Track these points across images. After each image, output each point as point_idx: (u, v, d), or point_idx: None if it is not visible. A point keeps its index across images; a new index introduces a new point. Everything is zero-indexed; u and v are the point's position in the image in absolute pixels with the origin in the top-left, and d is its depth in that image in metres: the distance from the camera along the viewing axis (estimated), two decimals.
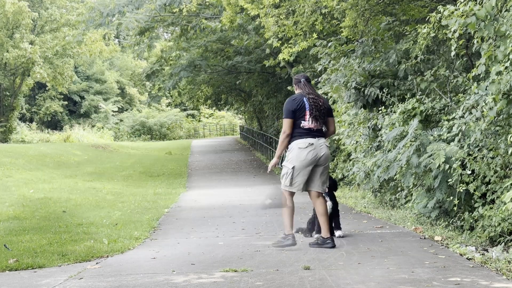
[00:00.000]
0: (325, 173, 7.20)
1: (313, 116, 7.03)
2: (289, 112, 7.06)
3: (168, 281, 5.64)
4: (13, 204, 12.73)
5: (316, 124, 7.06)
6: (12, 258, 6.79)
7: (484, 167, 7.21)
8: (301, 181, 7.08)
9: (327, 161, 7.14)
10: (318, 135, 7.09)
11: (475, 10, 6.60)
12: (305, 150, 6.99)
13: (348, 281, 5.40)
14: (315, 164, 7.05)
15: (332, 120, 7.26)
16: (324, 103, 7.19)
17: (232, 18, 17.88)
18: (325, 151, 7.07)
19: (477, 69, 6.92)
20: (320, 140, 7.08)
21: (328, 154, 7.12)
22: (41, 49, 44.52)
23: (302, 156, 7.00)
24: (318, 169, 7.10)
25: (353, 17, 12.34)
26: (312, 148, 6.99)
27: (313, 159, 7.01)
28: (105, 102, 64.42)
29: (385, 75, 11.31)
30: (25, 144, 38.76)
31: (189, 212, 11.70)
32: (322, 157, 7.04)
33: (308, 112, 7.02)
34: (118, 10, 23.16)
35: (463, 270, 5.72)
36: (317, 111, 7.05)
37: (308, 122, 7.03)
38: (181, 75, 27.59)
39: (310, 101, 7.07)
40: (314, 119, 7.04)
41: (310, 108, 7.03)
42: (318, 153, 7.02)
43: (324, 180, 7.20)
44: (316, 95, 7.21)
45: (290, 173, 7.07)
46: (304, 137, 7.03)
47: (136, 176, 22.71)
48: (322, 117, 7.09)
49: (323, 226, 7.17)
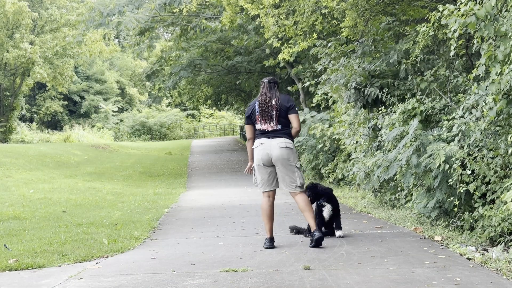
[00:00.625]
0: (290, 174, 7.26)
1: (263, 118, 7.25)
2: (246, 118, 7.47)
3: (168, 281, 5.64)
4: (13, 204, 12.73)
5: (269, 125, 7.23)
6: (12, 258, 6.79)
7: (484, 167, 7.21)
8: (260, 180, 7.30)
9: (283, 161, 7.21)
10: (275, 136, 7.23)
11: (475, 10, 6.60)
12: (257, 149, 7.29)
13: (348, 281, 5.40)
14: (271, 164, 7.24)
15: (293, 116, 7.27)
16: (278, 102, 7.23)
17: (232, 18, 17.88)
18: (276, 152, 7.18)
19: (477, 69, 6.92)
20: (274, 140, 7.21)
21: (281, 155, 7.18)
22: (41, 49, 44.53)
23: (256, 155, 7.31)
24: (279, 169, 7.26)
25: (353, 17, 12.34)
26: (262, 148, 7.22)
27: (264, 158, 7.21)
28: (105, 102, 64.45)
29: (385, 75, 11.31)
30: (25, 144, 38.77)
31: (189, 212, 11.70)
32: (273, 157, 7.19)
33: (258, 116, 7.27)
34: (118, 10, 23.16)
35: (463, 270, 5.72)
36: (265, 112, 7.21)
37: (261, 124, 7.27)
38: (181, 75, 27.60)
39: (259, 104, 7.27)
40: (265, 121, 7.23)
41: (260, 111, 7.25)
42: (268, 153, 7.19)
43: (291, 180, 7.27)
44: (269, 96, 7.30)
45: (254, 172, 7.44)
46: (259, 137, 7.33)
47: (136, 176, 22.72)
48: (272, 116, 7.21)
49: (309, 221, 7.30)
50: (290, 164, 7.24)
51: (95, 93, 64.89)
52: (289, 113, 7.24)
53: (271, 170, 7.28)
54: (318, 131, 16.78)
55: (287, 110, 7.23)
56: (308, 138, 18.22)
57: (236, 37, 24.19)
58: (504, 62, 6.51)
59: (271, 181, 7.32)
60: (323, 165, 17.75)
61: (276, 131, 7.24)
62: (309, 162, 18.73)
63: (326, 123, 17.25)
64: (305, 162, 19.17)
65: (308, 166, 19.05)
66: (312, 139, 17.89)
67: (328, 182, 17.12)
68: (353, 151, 13.30)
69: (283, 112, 7.22)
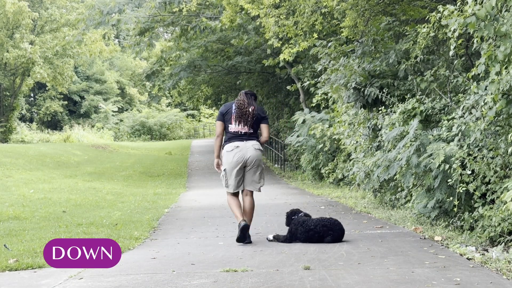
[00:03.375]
0: (257, 174, 7.75)
1: (239, 119, 7.61)
2: (219, 115, 7.79)
3: (168, 281, 5.64)
4: (13, 204, 12.73)
5: (243, 127, 7.63)
6: (12, 258, 6.79)
7: (484, 167, 7.21)
8: (233, 182, 7.71)
9: (255, 162, 7.68)
10: (247, 138, 7.66)
11: (475, 10, 6.60)
12: (232, 153, 7.61)
13: (348, 281, 5.40)
14: (244, 165, 7.65)
15: (265, 126, 7.79)
16: (255, 111, 7.70)
17: (232, 18, 17.87)
18: (252, 153, 7.63)
19: (477, 69, 6.92)
20: (249, 142, 7.65)
21: (256, 156, 7.65)
22: (41, 49, 44.50)
23: (230, 158, 7.64)
24: (248, 169, 7.69)
25: (353, 17, 12.33)
26: (238, 151, 7.60)
27: (240, 161, 7.62)
28: (105, 102, 64.41)
29: (385, 75, 11.31)
30: (25, 144, 38.76)
31: (189, 212, 11.70)
32: (249, 158, 7.63)
33: (233, 116, 7.62)
34: (118, 8, 23.15)
35: (463, 270, 5.72)
36: (242, 114, 7.61)
37: (235, 125, 7.63)
38: (181, 75, 27.58)
39: (238, 106, 7.66)
40: (239, 122, 7.61)
41: (237, 113, 7.62)
42: (244, 155, 7.62)
43: (256, 180, 7.75)
44: (247, 102, 7.71)
45: (224, 175, 7.77)
46: (232, 141, 7.66)
47: (136, 176, 22.72)
48: (248, 121, 7.62)
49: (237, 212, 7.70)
50: (259, 165, 7.75)
51: (95, 93, 64.84)
52: (262, 122, 7.78)
53: (242, 173, 7.72)
54: (318, 131, 16.78)
55: (261, 119, 7.76)
56: (308, 138, 18.21)
57: (236, 37, 24.17)
58: (504, 62, 6.51)
59: (240, 183, 7.78)
60: (323, 165, 17.75)
61: (249, 134, 7.69)
62: (309, 162, 18.73)
63: (326, 123, 17.25)
64: (305, 162, 19.18)
65: (308, 166, 19.05)
66: (312, 139, 17.89)
67: (328, 182, 17.13)
68: (353, 151, 13.30)
69: (258, 120, 7.73)
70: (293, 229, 7.63)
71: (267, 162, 28.98)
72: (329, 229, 7.47)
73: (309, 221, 7.57)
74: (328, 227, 7.47)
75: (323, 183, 17.77)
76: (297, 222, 7.64)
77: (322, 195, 14.46)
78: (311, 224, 7.53)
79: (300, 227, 7.56)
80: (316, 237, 7.46)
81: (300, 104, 24.30)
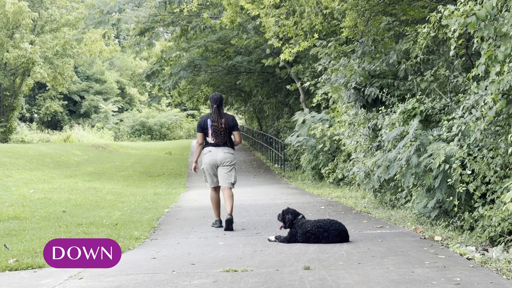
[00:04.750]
0: (230, 173, 9.25)
1: (214, 135, 9.24)
2: (199, 128, 9.39)
3: (168, 281, 5.64)
4: (13, 204, 12.72)
5: (217, 139, 9.25)
6: (12, 258, 6.79)
7: (484, 167, 7.21)
8: (209, 178, 9.38)
9: (225, 162, 9.22)
10: (219, 145, 9.28)
11: (475, 10, 6.60)
12: (206, 155, 9.32)
13: (348, 281, 5.40)
14: (217, 165, 9.24)
15: (236, 133, 9.41)
16: (226, 123, 9.25)
17: (233, 18, 17.86)
18: (221, 156, 9.23)
19: (477, 69, 6.92)
20: (220, 148, 9.28)
21: (225, 157, 9.21)
22: (41, 49, 44.47)
23: (205, 159, 9.33)
24: (220, 169, 9.24)
25: (353, 17, 12.33)
26: (210, 154, 9.27)
27: (212, 161, 9.25)
28: (105, 102, 64.40)
29: (385, 75, 11.31)
30: (25, 144, 38.75)
31: (189, 212, 11.70)
32: (218, 159, 9.22)
33: (210, 131, 9.27)
34: (119, 7, 23.12)
35: (463, 270, 5.73)
36: (216, 131, 9.22)
37: (212, 138, 9.28)
38: (181, 75, 27.55)
39: (212, 124, 9.23)
40: (214, 137, 9.25)
41: (212, 130, 9.23)
42: (215, 157, 9.24)
43: (227, 177, 9.21)
44: (218, 118, 9.22)
45: (203, 173, 9.49)
46: (208, 146, 9.34)
47: (136, 176, 22.72)
48: (222, 134, 9.22)
49: (215, 211, 9.41)
50: (230, 165, 9.28)
51: (95, 93, 64.81)
52: (233, 130, 9.37)
53: (215, 172, 9.30)
54: (318, 131, 16.78)
55: (231, 128, 9.33)
56: (308, 138, 18.21)
57: (236, 36, 24.17)
58: (504, 62, 6.50)
59: (216, 180, 9.35)
60: (323, 165, 17.74)
61: (221, 142, 9.30)
62: (309, 162, 18.72)
63: (326, 123, 17.24)
64: (305, 162, 19.17)
65: (308, 166, 19.04)
66: (312, 139, 17.89)
67: (328, 182, 17.13)
68: (353, 151, 13.31)
69: (230, 129, 9.32)
70: (293, 231, 7.73)
71: (267, 162, 28.99)
72: (325, 230, 7.56)
73: (307, 223, 7.66)
74: (323, 228, 7.56)
75: (323, 183, 17.77)
76: (297, 225, 7.74)
77: (322, 195, 14.46)
78: (308, 226, 7.64)
79: (299, 229, 7.66)
80: (312, 239, 7.56)
81: (300, 104, 24.29)
